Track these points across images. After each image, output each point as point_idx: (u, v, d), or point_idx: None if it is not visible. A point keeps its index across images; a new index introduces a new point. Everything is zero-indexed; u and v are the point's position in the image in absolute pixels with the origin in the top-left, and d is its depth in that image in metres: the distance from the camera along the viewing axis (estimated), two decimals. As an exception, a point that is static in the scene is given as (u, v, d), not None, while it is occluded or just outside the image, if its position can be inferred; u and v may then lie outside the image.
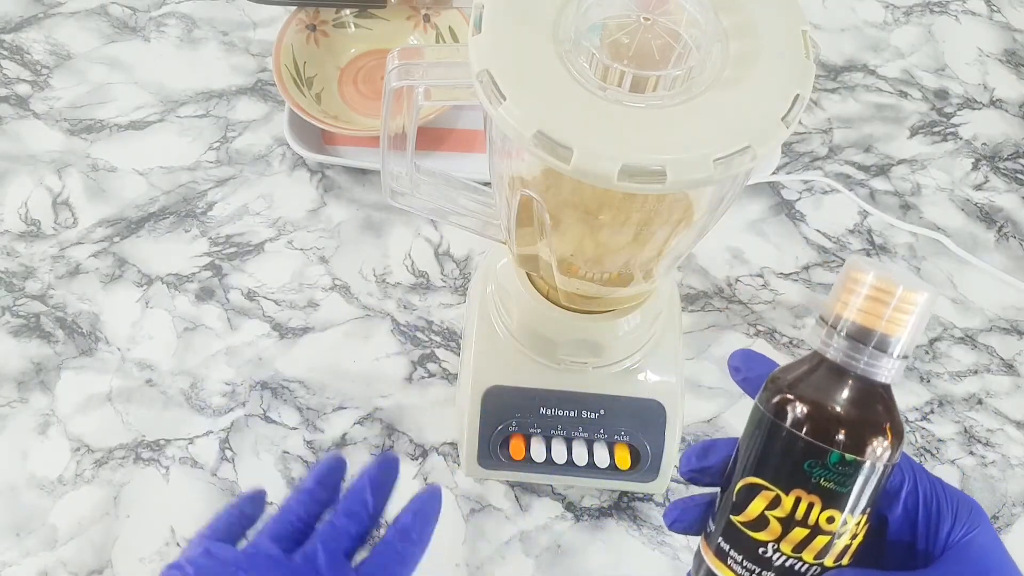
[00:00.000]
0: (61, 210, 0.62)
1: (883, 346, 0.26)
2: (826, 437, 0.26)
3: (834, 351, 0.27)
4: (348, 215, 0.63)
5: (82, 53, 0.70)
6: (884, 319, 0.26)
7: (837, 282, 0.27)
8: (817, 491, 0.27)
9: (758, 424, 0.28)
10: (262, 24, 0.72)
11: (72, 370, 0.56)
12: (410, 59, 0.34)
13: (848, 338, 0.27)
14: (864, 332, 0.26)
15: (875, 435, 0.26)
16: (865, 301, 0.26)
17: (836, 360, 0.27)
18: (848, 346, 0.27)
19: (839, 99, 0.71)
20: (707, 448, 0.31)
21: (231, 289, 0.59)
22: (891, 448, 0.26)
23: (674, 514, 0.32)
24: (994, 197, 0.66)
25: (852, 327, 0.26)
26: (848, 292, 0.27)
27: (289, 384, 0.56)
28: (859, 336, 0.26)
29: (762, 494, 0.28)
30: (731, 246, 0.63)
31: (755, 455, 0.28)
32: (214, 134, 0.66)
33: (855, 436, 0.26)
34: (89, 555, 0.50)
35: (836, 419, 0.26)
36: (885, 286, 0.26)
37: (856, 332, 0.26)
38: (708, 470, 0.31)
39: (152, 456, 0.53)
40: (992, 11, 0.77)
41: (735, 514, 0.29)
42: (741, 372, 0.32)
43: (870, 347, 0.26)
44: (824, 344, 0.27)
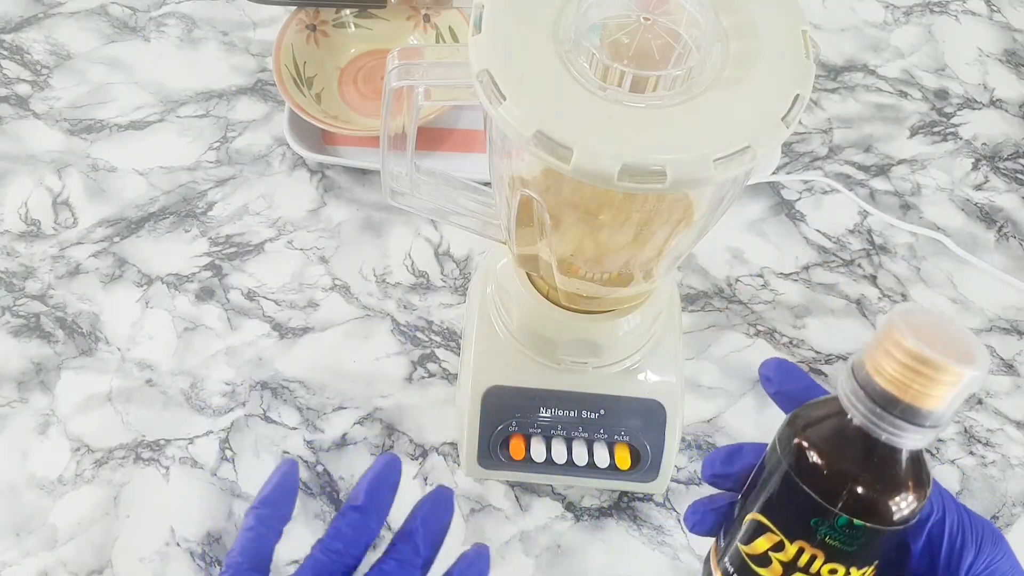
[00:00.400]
0: (61, 210, 0.62)
1: (915, 418, 0.23)
2: (835, 500, 0.25)
3: (860, 416, 0.24)
4: (348, 215, 0.63)
5: (82, 53, 0.70)
6: (920, 392, 0.23)
7: (876, 336, 0.24)
8: (821, 547, 0.26)
9: (774, 462, 0.27)
10: (262, 24, 0.72)
11: (72, 370, 0.56)
12: (410, 59, 0.34)
13: (877, 405, 0.24)
14: (895, 402, 0.23)
15: (891, 502, 0.24)
16: (900, 369, 0.23)
17: (858, 423, 0.24)
18: (876, 414, 0.24)
19: (839, 99, 0.71)
20: (732, 453, 0.30)
21: (231, 289, 0.59)
22: (908, 512, 0.25)
23: (695, 518, 0.31)
24: (994, 197, 0.66)
25: (882, 393, 0.24)
26: (883, 353, 0.24)
27: (289, 384, 0.56)
28: (889, 405, 0.24)
29: (767, 535, 0.27)
30: (731, 246, 0.63)
31: (766, 493, 0.27)
32: (214, 134, 0.66)
33: (868, 503, 0.24)
34: (89, 555, 0.50)
35: (849, 482, 0.24)
36: (924, 357, 0.22)
37: (886, 401, 0.24)
38: (731, 476, 0.30)
39: (152, 456, 0.53)
40: (992, 11, 0.77)
41: (743, 543, 0.28)
42: (773, 384, 0.31)
43: (900, 418, 0.24)
44: (850, 403, 0.25)
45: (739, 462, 0.30)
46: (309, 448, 0.54)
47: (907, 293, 0.61)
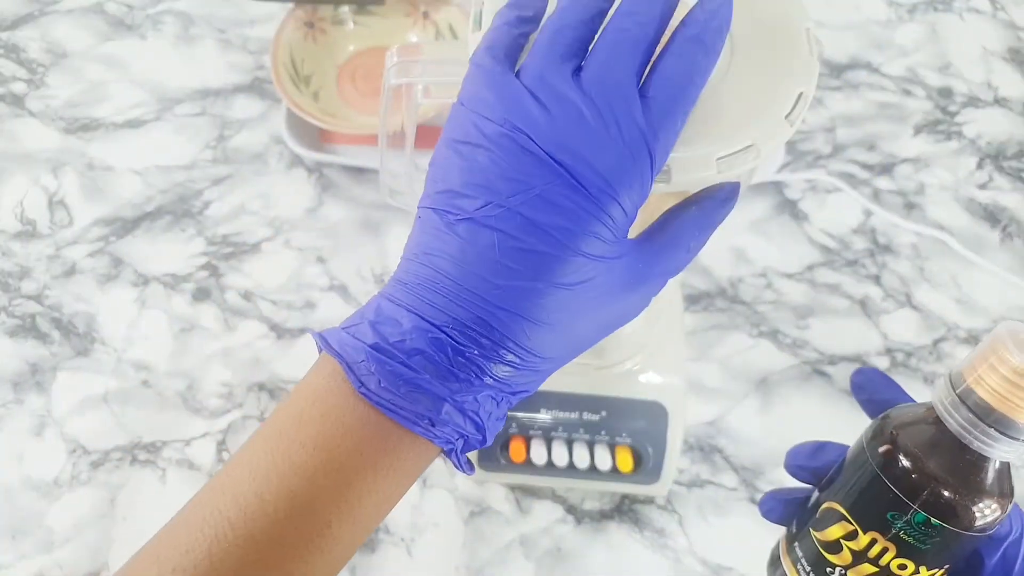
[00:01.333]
0: (57, 209, 0.62)
1: (1009, 431, 0.25)
2: (916, 496, 0.26)
3: (954, 422, 0.25)
4: (346, 214, 0.62)
5: (78, 51, 0.70)
6: (1018, 407, 0.24)
7: (980, 347, 0.25)
8: (894, 540, 0.27)
9: (859, 457, 0.28)
10: (259, 21, 0.72)
11: (68, 371, 0.56)
12: (409, 56, 0.34)
13: (972, 414, 0.25)
14: (991, 413, 0.25)
15: (971, 507, 0.25)
16: (1002, 383, 0.24)
17: (952, 430, 0.26)
18: (970, 422, 0.25)
19: (843, 97, 0.70)
20: (819, 448, 0.31)
21: (228, 289, 0.59)
22: (988, 520, 0.26)
23: (770, 504, 0.32)
24: (998, 196, 0.66)
25: (980, 404, 0.25)
26: (986, 365, 0.25)
27: (286, 385, 0.56)
28: (984, 415, 0.25)
29: (841, 523, 0.28)
30: (734, 246, 0.62)
31: (847, 484, 0.28)
32: (211, 132, 0.66)
33: (947, 503, 0.25)
34: (85, 557, 0.50)
35: (933, 482, 0.25)
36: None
37: (983, 411, 0.25)
38: (814, 470, 0.31)
39: (148, 458, 0.53)
40: (996, 9, 0.77)
41: (815, 529, 0.29)
42: (866, 392, 0.31)
43: (994, 429, 0.25)
44: (946, 411, 0.26)
45: (823, 458, 0.31)
46: (307, 450, 0.53)
47: (911, 293, 0.61)
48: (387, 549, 0.50)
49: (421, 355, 0.24)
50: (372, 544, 0.51)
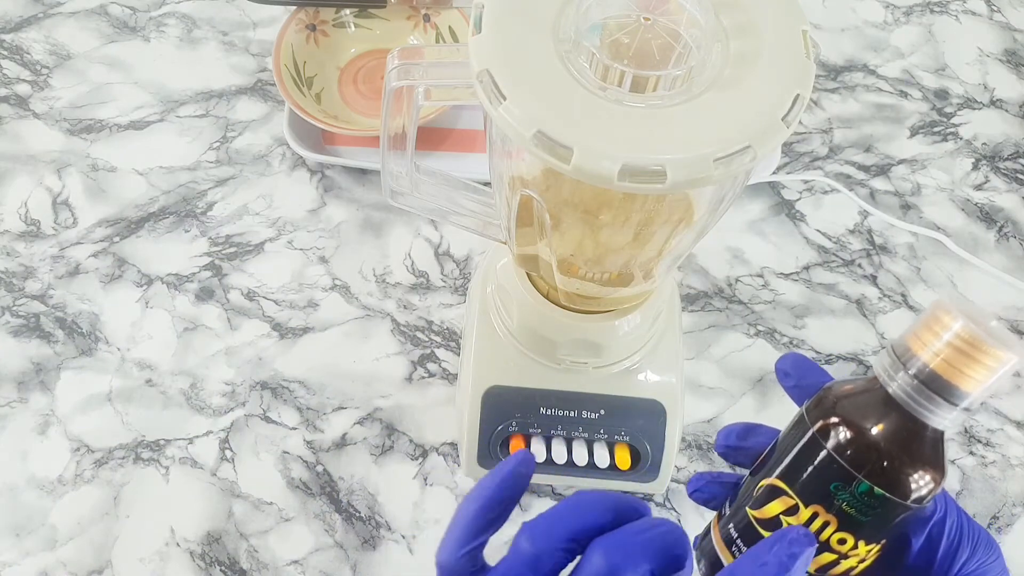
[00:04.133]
0: (61, 210, 0.62)
1: (950, 396, 0.25)
2: (861, 466, 0.26)
3: (898, 388, 0.26)
4: (348, 215, 0.63)
5: (82, 53, 0.70)
6: (959, 371, 0.24)
7: (920, 318, 0.26)
8: (837, 513, 0.26)
9: (798, 431, 0.28)
10: (262, 24, 0.72)
11: (72, 370, 0.56)
12: (410, 59, 0.34)
13: (916, 380, 0.25)
14: (935, 379, 0.25)
15: (912, 476, 0.25)
16: (945, 347, 0.24)
17: (895, 396, 0.26)
18: (912, 386, 0.25)
19: (839, 99, 0.71)
20: (749, 430, 0.31)
21: (231, 289, 0.59)
22: (924, 491, 0.26)
23: (698, 484, 0.32)
24: (994, 197, 0.66)
25: (924, 370, 0.25)
26: (929, 332, 0.25)
27: (289, 384, 0.56)
28: (928, 381, 0.25)
29: (782, 498, 0.28)
30: (731, 246, 0.63)
31: (786, 459, 0.28)
32: (214, 134, 0.66)
33: (891, 473, 0.25)
34: (89, 555, 0.50)
35: (877, 451, 0.25)
36: (971, 338, 0.24)
37: (926, 377, 0.25)
38: (744, 450, 0.31)
39: (152, 456, 0.53)
40: (992, 11, 0.77)
41: (752, 508, 0.29)
42: (792, 378, 0.31)
43: (936, 393, 0.25)
44: (889, 378, 0.26)
45: (753, 439, 0.31)
46: (309, 448, 0.54)
47: (907, 293, 0.61)
48: (388, 546, 0.51)
49: None
50: (373, 541, 0.51)
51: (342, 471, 0.53)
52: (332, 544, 0.51)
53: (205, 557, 0.50)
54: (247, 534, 0.51)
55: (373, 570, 0.50)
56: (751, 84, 0.29)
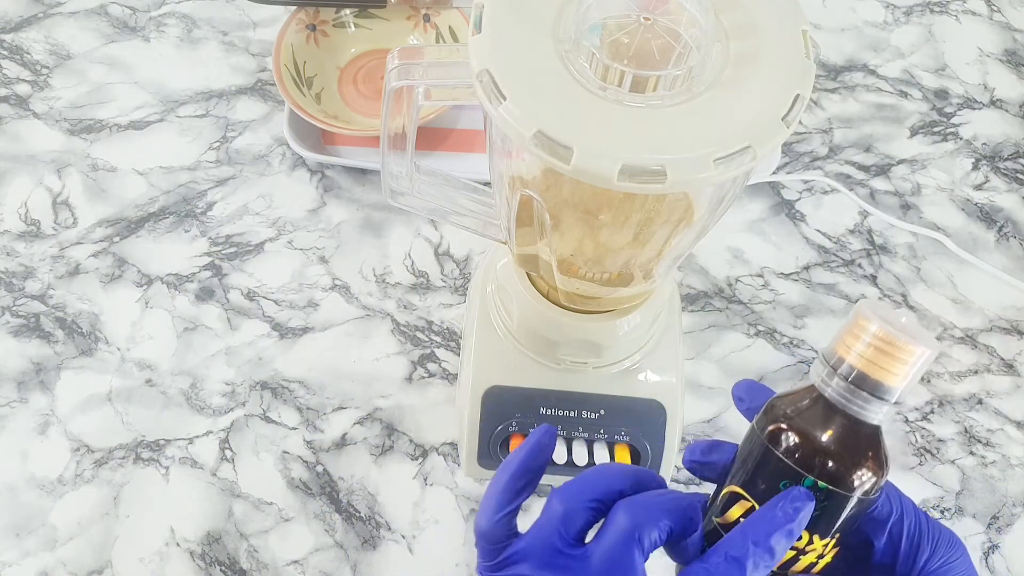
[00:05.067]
0: (61, 210, 0.62)
1: (878, 392, 0.27)
2: (804, 463, 0.27)
3: (831, 391, 0.28)
4: (348, 215, 0.63)
5: (82, 53, 0.70)
6: (882, 368, 0.27)
7: (845, 324, 0.28)
8: None
9: (751, 441, 0.30)
10: (262, 24, 0.72)
11: (72, 370, 0.56)
12: (410, 59, 0.34)
13: (845, 380, 0.27)
14: (861, 377, 0.27)
15: (853, 470, 0.27)
16: (867, 348, 0.27)
17: (830, 399, 0.28)
18: (844, 388, 0.28)
19: (839, 99, 0.71)
20: (713, 446, 0.33)
21: (231, 289, 0.59)
22: (868, 484, 0.27)
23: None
24: (994, 197, 0.66)
25: (850, 370, 0.27)
26: (852, 337, 0.27)
27: (289, 384, 0.56)
28: (856, 380, 0.27)
29: (740, 503, 0.29)
30: (731, 246, 0.63)
31: (741, 465, 0.30)
32: (214, 134, 0.66)
33: (833, 468, 0.27)
34: (89, 555, 0.50)
35: (817, 448, 0.28)
36: (887, 338, 0.27)
37: (853, 376, 0.27)
38: (709, 465, 0.32)
39: (152, 456, 0.53)
40: (992, 11, 0.77)
41: (717, 515, 0.30)
42: (745, 402, 0.33)
43: (865, 392, 0.27)
44: (823, 383, 0.28)
45: (717, 455, 0.32)
46: (309, 448, 0.54)
47: (907, 293, 0.61)
48: (388, 546, 0.51)
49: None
50: (373, 541, 0.51)
51: (342, 471, 0.53)
52: (332, 544, 0.51)
53: (205, 557, 0.50)
54: (247, 534, 0.51)
55: (373, 570, 0.50)
56: (751, 84, 0.29)
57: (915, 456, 0.56)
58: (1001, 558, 0.52)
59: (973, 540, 0.53)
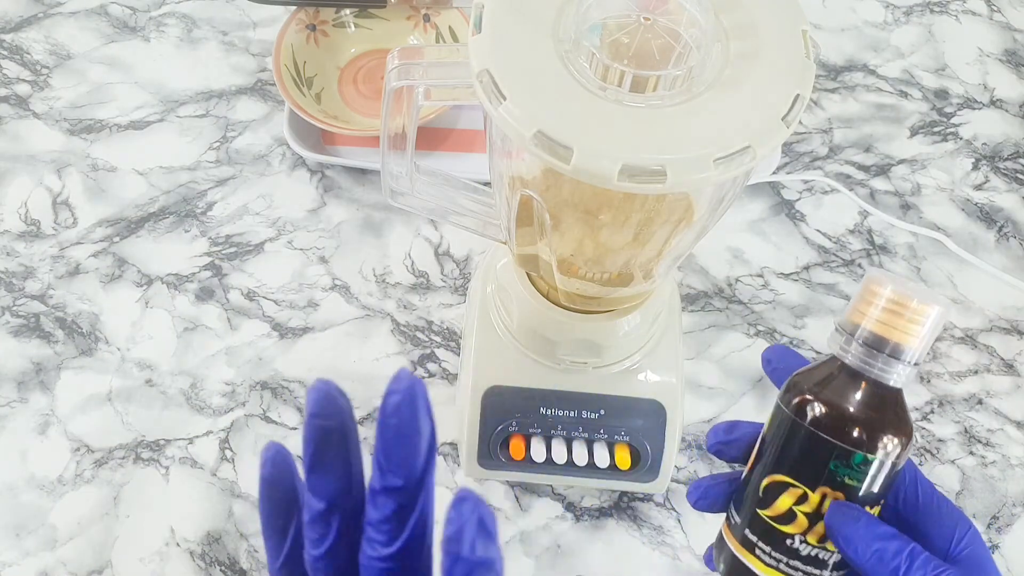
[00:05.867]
0: (61, 210, 0.62)
1: (897, 353, 0.28)
2: (849, 439, 0.28)
3: (852, 357, 0.29)
4: (348, 215, 0.63)
5: (82, 53, 0.70)
6: (898, 329, 0.28)
7: (857, 293, 0.29)
8: (842, 488, 0.28)
9: (780, 424, 0.30)
10: (262, 24, 0.72)
11: (72, 370, 0.56)
12: (410, 59, 0.34)
13: (865, 345, 0.28)
14: (879, 340, 0.28)
15: (891, 435, 0.28)
16: (881, 312, 0.28)
17: (853, 365, 0.29)
18: (864, 352, 0.28)
19: (839, 99, 0.71)
20: (732, 426, 0.34)
21: (231, 289, 0.59)
22: (903, 446, 0.28)
23: (697, 493, 0.33)
24: (994, 197, 0.66)
25: (868, 335, 0.28)
26: (866, 303, 0.28)
27: (289, 384, 0.56)
28: (875, 344, 0.28)
29: (789, 491, 0.29)
30: (731, 246, 0.63)
31: (780, 454, 0.30)
32: (214, 134, 0.66)
33: (875, 437, 0.28)
34: (89, 555, 0.50)
35: (857, 422, 0.28)
36: (900, 299, 0.28)
37: (872, 340, 0.28)
38: (734, 443, 0.33)
39: (152, 456, 0.53)
40: (992, 11, 0.77)
41: (762, 508, 0.30)
42: (772, 364, 0.34)
43: (885, 354, 0.28)
44: (842, 350, 0.29)
45: (738, 432, 0.33)
46: (309, 448, 0.54)
47: (907, 293, 0.61)
48: (388, 546, 0.51)
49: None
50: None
51: (342, 471, 0.53)
52: (332, 544, 0.51)
53: (205, 557, 0.50)
54: (247, 534, 0.51)
55: (373, 570, 0.50)
56: (751, 84, 0.29)
57: (915, 456, 0.56)
58: (1001, 558, 0.52)
59: (973, 540, 0.53)
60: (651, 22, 0.30)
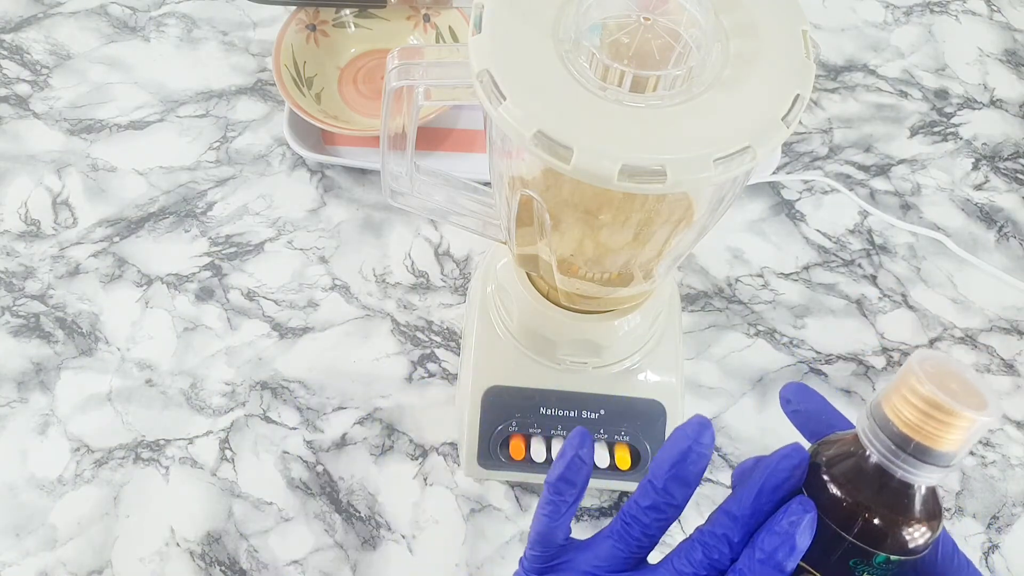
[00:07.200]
0: (61, 210, 0.62)
1: (931, 460, 0.25)
2: (872, 542, 0.26)
3: (879, 455, 0.26)
4: (348, 215, 0.63)
5: (82, 53, 0.70)
6: (936, 436, 0.25)
7: (896, 379, 0.26)
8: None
9: None
10: (262, 24, 0.72)
11: (72, 370, 0.56)
12: (410, 59, 0.34)
13: (895, 446, 0.26)
14: (914, 445, 0.25)
15: (919, 535, 0.26)
16: (917, 415, 0.25)
17: (880, 463, 0.26)
18: (894, 454, 0.26)
19: (839, 99, 0.71)
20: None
21: (231, 289, 0.59)
22: (933, 537, 0.27)
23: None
24: (994, 197, 0.66)
25: (898, 435, 0.26)
26: (901, 399, 0.26)
27: (289, 384, 0.56)
28: (908, 447, 0.25)
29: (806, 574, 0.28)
30: (731, 246, 0.63)
31: None
32: (214, 134, 0.66)
33: (899, 539, 0.26)
34: (89, 555, 0.50)
35: (881, 524, 0.26)
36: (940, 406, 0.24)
37: (904, 443, 0.25)
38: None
39: (152, 456, 0.53)
40: (992, 11, 0.77)
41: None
42: (792, 404, 0.32)
43: (915, 457, 0.25)
44: (870, 443, 0.27)
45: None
46: (309, 448, 0.54)
47: (907, 293, 0.61)
48: (388, 546, 0.51)
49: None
50: (373, 542, 0.51)
51: (342, 471, 0.53)
52: (332, 544, 0.51)
53: (205, 557, 0.50)
54: (247, 534, 0.51)
55: (373, 570, 0.50)
56: (751, 84, 0.29)
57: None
58: (1001, 558, 0.52)
59: (973, 540, 0.53)
60: (651, 22, 0.30)
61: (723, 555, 0.26)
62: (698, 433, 0.27)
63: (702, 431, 0.27)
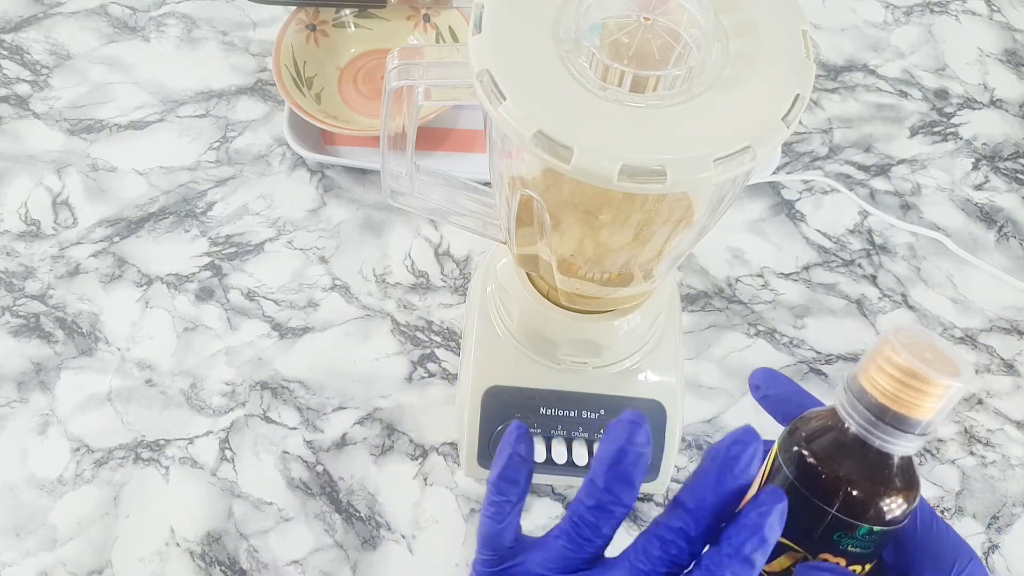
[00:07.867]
0: (61, 210, 0.62)
1: (907, 427, 0.26)
2: (855, 513, 0.27)
3: (857, 425, 0.27)
4: (348, 215, 0.63)
5: (82, 53, 0.70)
6: (911, 403, 0.25)
7: (870, 352, 0.27)
8: (844, 554, 0.27)
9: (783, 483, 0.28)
10: (262, 24, 0.72)
11: (72, 370, 0.56)
12: (410, 59, 0.34)
13: (871, 413, 0.26)
14: (888, 413, 0.26)
15: (898, 505, 0.27)
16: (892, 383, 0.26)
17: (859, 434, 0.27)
18: (871, 423, 0.26)
19: (839, 99, 0.71)
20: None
21: (231, 289, 0.59)
22: (910, 508, 0.27)
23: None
24: (994, 197, 0.66)
25: (876, 405, 0.26)
26: (876, 369, 0.26)
27: (289, 384, 0.56)
28: (881, 414, 0.26)
29: (789, 553, 0.28)
30: (731, 246, 0.63)
31: None
32: (214, 134, 0.66)
33: (880, 510, 0.27)
34: (89, 555, 0.50)
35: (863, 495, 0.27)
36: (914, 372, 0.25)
37: (880, 412, 0.26)
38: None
39: (152, 456, 0.53)
40: (992, 11, 0.77)
41: None
42: (761, 390, 0.32)
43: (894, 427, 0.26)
44: (848, 415, 0.27)
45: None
46: (309, 448, 0.54)
47: (907, 293, 0.61)
48: (388, 546, 0.51)
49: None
50: (373, 541, 0.51)
51: (342, 471, 0.53)
52: (332, 544, 0.51)
53: (205, 557, 0.50)
54: (247, 534, 0.51)
55: (373, 570, 0.50)
56: (751, 84, 0.29)
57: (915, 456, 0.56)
58: (1001, 558, 0.52)
59: (973, 540, 0.53)
60: (651, 22, 0.30)
61: (681, 550, 0.25)
62: (631, 433, 0.25)
63: (635, 430, 0.25)
